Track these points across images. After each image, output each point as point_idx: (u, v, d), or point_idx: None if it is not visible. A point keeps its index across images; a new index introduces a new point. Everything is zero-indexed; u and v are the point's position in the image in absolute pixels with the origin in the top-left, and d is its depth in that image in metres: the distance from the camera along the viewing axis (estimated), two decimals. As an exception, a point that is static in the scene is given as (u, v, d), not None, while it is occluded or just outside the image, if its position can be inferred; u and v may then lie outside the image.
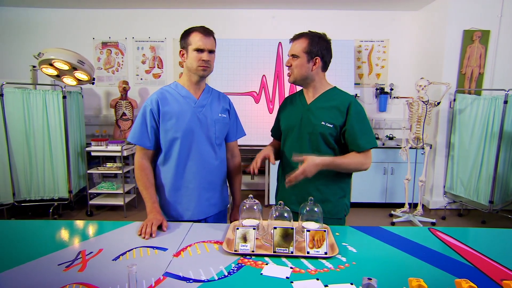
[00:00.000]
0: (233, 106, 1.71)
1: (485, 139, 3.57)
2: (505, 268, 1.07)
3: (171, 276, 1.01)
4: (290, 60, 1.54)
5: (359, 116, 1.51)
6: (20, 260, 1.09)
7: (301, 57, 1.50)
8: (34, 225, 1.49)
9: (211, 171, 1.58)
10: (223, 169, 1.67)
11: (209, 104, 1.58)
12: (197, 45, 1.46)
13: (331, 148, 1.55)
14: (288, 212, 1.29)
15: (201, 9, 4.43)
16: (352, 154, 1.51)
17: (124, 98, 4.23)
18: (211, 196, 1.60)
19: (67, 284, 0.95)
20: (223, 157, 1.66)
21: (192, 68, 1.49)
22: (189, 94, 1.55)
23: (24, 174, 3.58)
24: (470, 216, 3.93)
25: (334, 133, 1.51)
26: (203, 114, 1.55)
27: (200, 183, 1.55)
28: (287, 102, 1.70)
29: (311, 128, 1.53)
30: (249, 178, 4.75)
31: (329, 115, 1.52)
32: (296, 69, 1.52)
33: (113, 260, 1.10)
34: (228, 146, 1.70)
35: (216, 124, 1.58)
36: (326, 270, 1.06)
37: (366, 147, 1.49)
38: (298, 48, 1.50)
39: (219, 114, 1.59)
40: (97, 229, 1.40)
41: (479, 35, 3.81)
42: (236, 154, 1.75)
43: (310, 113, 1.55)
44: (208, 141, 1.56)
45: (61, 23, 4.46)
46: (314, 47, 1.49)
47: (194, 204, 1.55)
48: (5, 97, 3.42)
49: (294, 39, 1.54)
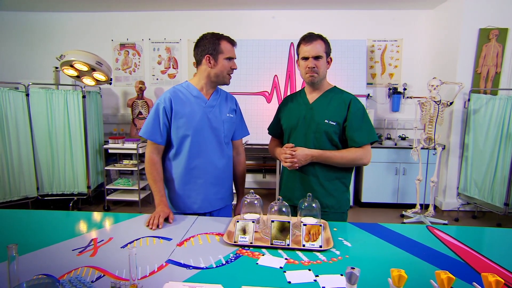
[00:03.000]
0: (239, 106, 1.78)
1: (500, 140, 3.49)
2: (495, 264, 1.09)
3: (173, 263, 1.09)
4: (314, 61, 1.55)
5: (358, 113, 1.57)
6: (39, 245, 1.20)
7: (324, 57, 1.56)
8: (54, 216, 1.61)
9: (219, 168, 1.66)
10: (230, 166, 1.75)
11: (218, 105, 1.66)
12: (230, 54, 1.57)
13: (334, 146, 1.60)
14: (286, 207, 1.35)
15: (215, 11, 4.53)
16: (348, 149, 1.57)
17: (141, 98, 4.39)
18: (217, 191, 1.67)
19: (79, 267, 1.05)
20: (230, 155, 1.74)
21: (221, 75, 1.59)
22: (200, 94, 1.63)
23: (47, 169, 3.79)
24: (485, 219, 3.85)
25: (338, 131, 1.57)
26: (213, 114, 1.62)
27: (208, 178, 1.63)
28: (287, 101, 1.75)
29: (315, 126, 1.59)
30: (261, 176, 4.82)
31: (332, 113, 1.57)
32: (321, 69, 1.57)
33: (121, 248, 1.20)
34: (234, 144, 1.78)
35: (225, 124, 1.65)
36: (319, 262, 1.12)
37: (363, 142, 1.55)
38: (320, 49, 1.55)
39: (227, 114, 1.67)
40: (109, 220, 1.51)
41: (496, 33, 3.73)
42: (241, 152, 1.82)
43: (313, 112, 1.61)
44: (216, 139, 1.64)
45: (82, 26, 4.68)
46: (328, 48, 1.59)
47: (201, 198, 1.63)
48: (31, 97, 3.63)
49: (311, 40, 1.55)
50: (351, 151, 1.56)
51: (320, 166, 1.60)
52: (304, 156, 1.53)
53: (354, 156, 1.55)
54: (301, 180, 1.64)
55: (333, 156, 1.55)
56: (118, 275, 1.01)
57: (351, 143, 1.56)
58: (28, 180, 3.73)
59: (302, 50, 1.57)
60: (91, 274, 1.01)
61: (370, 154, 1.58)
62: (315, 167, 1.60)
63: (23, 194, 3.73)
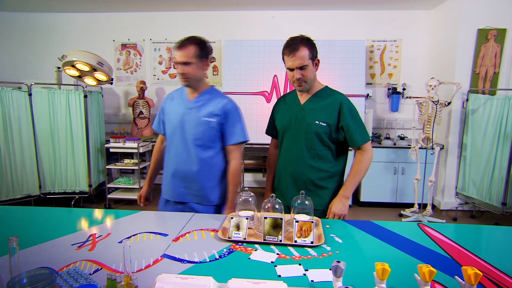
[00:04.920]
0: (233, 112, 1.70)
1: (498, 140, 3.51)
2: (478, 258, 1.12)
3: (168, 257, 1.13)
4: (300, 72, 1.52)
5: (352, 114, 1.60)
6: (40, 239, 1.24)
7: (309, 64, 1.53)
8: (54, 212, 1.66)
9: (186, 166, 1.69)
10: (208, 168, 1.70)
11: (198, 107, 1.69)
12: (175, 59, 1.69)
13: (325, 146, 1.63)
14: (279, 204, 1.39)
15: (215, 11, 4.57)
16: (355, 162, 1.62)
17: (142, 98, 4.43)
18: (188, 186, 1.71)
19: (77, 261, 1.09)
20: (205, 158, 1.68)
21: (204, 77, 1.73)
22: (185, 96, 1.73)
23: (49, 168, 3.85)
24: (483, 218, 3.87)
25: (328, 132, 1.60)
26: (189, 115, 1.69)
27: (174, 173, 1.72)
28: (280, 102, 1.78)
29: (306, 127, 1.62)
30: (261, 176, 4.85)
31: (322, 114, 1.60)
32: (309, 78, 1.56)
33: (118, 243, 1.24)
34: (226, 149, 1.74)
35: (198, 127, 1.66)
36: (310, 257, 1.15)
37: (362, 143, 1.60)
38: (305, 57, 1.50)
39: (203, 117, 1.66)
40: (107, 217, 1.55)
41: (494, 33, 3.74)
42: (233, 158, 1.73)
43: (304, 113, 1.63)
44: (183, 140, 1.68)
45: (84, 27, 4.73)
46: (313, 51, 1.54)
47: (170, 188, 1.76)
48: (33, 97, 3.69)
49: (294, 50, 1.49)
50: (358, 162, 1.61)
51: (313, 169, 1.63)
52: (340, 206, 1.57)
53: (364, 163, 1.61)
54: (296, 179, 1.66)
55: (355, 180, 1.60)
56: (115, 268, 1.05)
57: (352, 144, 1.61)
58: (30, 178, 3.79)
59: (286, 61, 1.54)
60: (89, 267, 1.05)
61: (371, 151, 1.63)
62: (307, 169, 1.63)
63: (26, 192, 3.78)
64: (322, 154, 1.63)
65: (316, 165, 1.63)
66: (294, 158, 1.65)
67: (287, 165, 1.69)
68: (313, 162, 1.63)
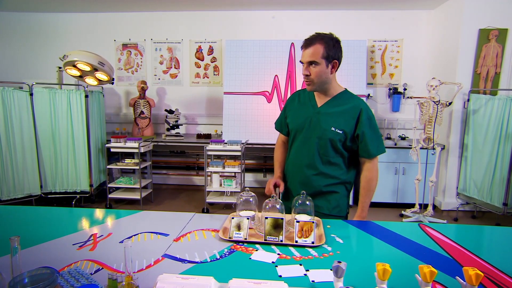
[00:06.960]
0: None
1: (499, 140, 3.51)
2: (479, 259, 1.12)
3: (169, 257, 1.13)
4: (308, 68, 1.46)
5: (371, 123, 1.53)
6: (41, 239, 1.25)
7: (321, 63, 1.44)
8: (56, 212, 1.66)
9: None
10: None
11: None
12: None
13: (338, 153, 1.57)
14: (280, 205, 1.39)
15: (215, 11, 4.57)
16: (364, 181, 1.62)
17: (143, 97, 4.44)
18: None
19: (78, 260, 1.09)
20: None
21: None
22: None
23: (50, 167, 3.85)
24: (484, 218, 3.87)
25: (343, 139, 1.53)
26: None
27: None
28: (295, 99, 1.68)
29: (320, 132, 1.54)
30: (261, 176, 4.85)
31: (340, 121, 1.52)
32: (316, 77, 1.46)
33: (120, 242, 1.24)
34: None
35: None
36: (311, 257, 1.15)
37: (375, 154, 1.56)
38: (317, 54, 1.43)
39: None
40: (108, 216, 1.55)
41: (495, 33, 3.73)
42: None
43: (320, 117, 1.55)
44: None
45: (85, 27, 4.74)
46: (331, 51, 1.44)
47: None
48: (35, 96, 3.69)
49: (308, 45, 1.45)
50: (369, 181, 1.61)
51: (323, 175, 1.58)
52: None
53: (375, 181, 1.62)
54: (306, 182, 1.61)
55: (369, 199, 1.64)
56: (116, 268, 1.05)
57: (364, 154, 1.56)
58: (31, 178, 3.80)
59: (301, 54, 1.49)
60: (90, 267, 1.05)
61: (377, 165, 1.61)
62: (318, 175, 1.58)
63: (27, 192, 3.79)
64: (334, 161, 1.57)
65: (327, 171, 1.58)
66: (305, 164, 1.59)
67: (296, 170, 1.64)
68: (324, 168, 1.57)
